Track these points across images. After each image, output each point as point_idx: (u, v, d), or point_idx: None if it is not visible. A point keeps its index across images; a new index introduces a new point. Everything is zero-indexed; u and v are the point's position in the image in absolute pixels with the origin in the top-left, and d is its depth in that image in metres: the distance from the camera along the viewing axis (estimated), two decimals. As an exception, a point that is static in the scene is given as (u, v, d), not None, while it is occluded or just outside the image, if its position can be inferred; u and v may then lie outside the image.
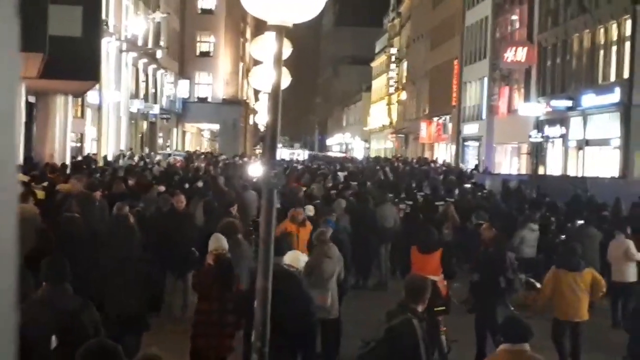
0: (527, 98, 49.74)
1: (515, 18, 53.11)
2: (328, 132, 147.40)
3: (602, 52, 39.89)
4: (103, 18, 36.40)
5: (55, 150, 30.45)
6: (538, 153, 47.88)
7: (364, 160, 68.41)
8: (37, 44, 19.56)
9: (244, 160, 47.70)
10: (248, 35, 79.50)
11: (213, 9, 75.96)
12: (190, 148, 73.00)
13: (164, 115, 66.95)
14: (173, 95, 72.22)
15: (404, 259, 15.52)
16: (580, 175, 37.64)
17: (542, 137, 46.54)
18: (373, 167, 47.88)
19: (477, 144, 60.87)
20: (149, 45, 58.70)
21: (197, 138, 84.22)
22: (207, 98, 76.61)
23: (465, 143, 63.92)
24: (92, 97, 43.05)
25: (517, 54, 49.20)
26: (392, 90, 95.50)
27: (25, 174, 21.82)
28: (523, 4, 51.30)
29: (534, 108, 47.60)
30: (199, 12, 76.29)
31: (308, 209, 17.23)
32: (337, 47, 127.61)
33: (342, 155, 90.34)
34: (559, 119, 44.33)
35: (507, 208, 23.41)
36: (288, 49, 7.94)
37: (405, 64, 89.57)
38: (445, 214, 20.77)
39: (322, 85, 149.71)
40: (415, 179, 36.48)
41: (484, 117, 58.02)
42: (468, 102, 63.10)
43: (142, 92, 58.88)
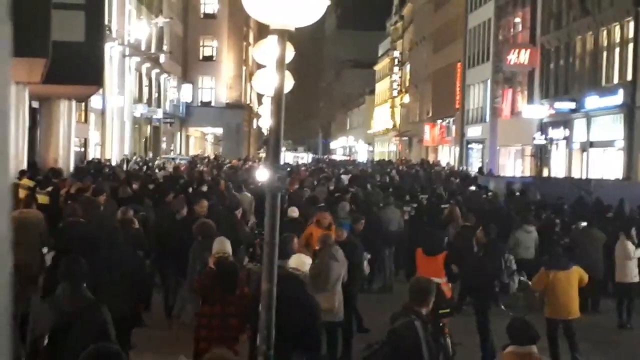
0: (530, 100, 49.73)
1: (518, 20, 53.11)
2: (332, 135, 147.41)
3: (605, 54, 39.88)
4: (106, 23, 36.45)
5: (59, 155, 30.48)
6: (542, 155, 47.87)
7: (368, 164, 68.40)
8: (40, 49, 19.58)
9: (247, 165, 47.71)
10: (251, 40, 79.61)
11: (216, 14, 76.08)
12: (194, 152, 73.10)
13: (168, 120, 67.04)
14: (176, 100, 72.31)
15: (409, 262, 15.53)
16: (585, 177, 37.60)
17: (545, 139, 46.53)
18: (382, 170, 47.84)
19: (480, 147, 60.86)
20: (152, 50, 58.81)
21: (200, 142, 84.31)
22: (210, 102, 76.71)
23: (469, 145, 63.92)
24: (95, 102, 43.11)
25: (520, 57, 49.20)
26: (395, 94, 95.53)
27: (30, 179, 21.89)
28: (526, 7, 51.30)
29: (538, 110, 47.58)
30: (202, 16, 76.42)
31: (292, 210, 17.34)
32: (339, 50, 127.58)
33: (346, 159, 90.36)
34: (563, 121, 44.31)
35: (510, 210, 23.39)
36: (291, 53, 7.95)
37: (408, 67, 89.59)
38: (451, 215, 20.76)
39: (325, 89, 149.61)
40: (419, 182, 36.47)
41: (488, 119, 58.02)
42: (471, 104, 63.10)
43: (145, 96, 58.97)
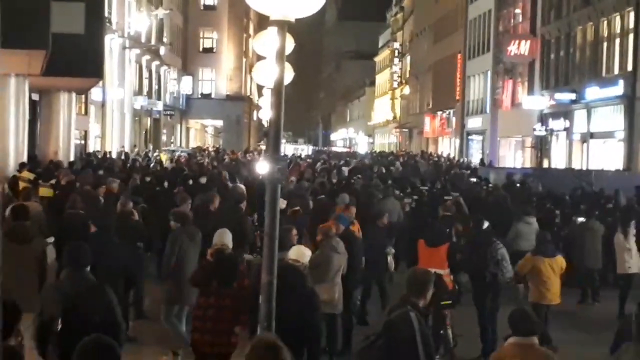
0: (530, 91, 49.69)
1: (518, 11, 53.03)
2: (332, 127, 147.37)
3: (605, 44, 39.82)
4: (106, 15, 36.44)
5: (60, 148, 30.49)
6: (542, 146, 47.85)
7: (367, 155, 68.37)
8: (39, 42, 19.57)
9: (248, 156, 47.73)
10: (251, 31, 79.53)
11: (216, 5, 75.99)
12: (195, 144, 73.10)
13: (168, 112, 67.03)
14: (176, 92, 72.27)
15: (410, 253, 15.54)
16: (585, 168, 37.59)
17: (546, 130, 46.50)
18: (381, 162, 47.79)
19: (481, 138, 60.83)
20: (152, 42, 58.76)
21: (201, 134, 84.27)
22: (210, 94, 76.66)
23: (469, 137, 63.88)
24: (95, 94, 43.09)
25: (520, 47, 49.14)
26: (395, 85, 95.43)
27: (31, 172, 21.92)
28: (526, -3, 51.25)
29: (538, 101, 47.55)
30: (202, 8, 76.33)
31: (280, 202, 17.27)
32: (340, 41, 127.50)
33: (347, 150, 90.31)
34: (563, 112, 44.28)
35: (510, 202, 23.37)
36: (291, 44, 7.94)
37: (409, 58, 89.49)
38: (445, 209, 20.73)
39: (325, 80, 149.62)
40: (420, 174, 36.46)
41: (488, 110, 57.97)
42: (472, 95, 63.04)
43: (145, 88, 58.94)
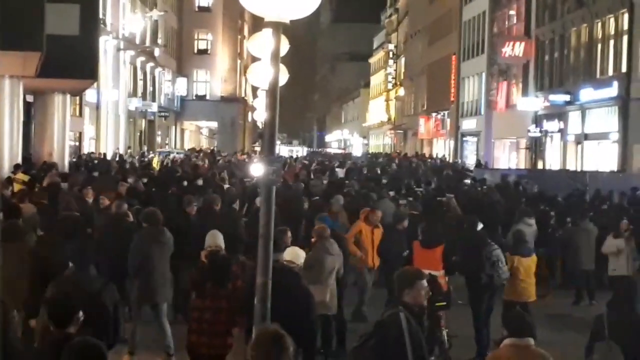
0: (525, 93, 49.73)
1: (513, 13, 53.09)
2: (326, 128, 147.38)
3: (599, 46, 39.87)
4: (100, 16, 36.40)
5: (54, 149, 30.42)
6: (537, 148, 47.89)
7: (363, 157, 68.39)
8: (34, 43, 19.56)
9: (240, 158, 47.69)
10: (246, 33, 79.50)
11: (210, 7, 75.95)
12: (189, 146, 73.05)
13: (162, 113, 66.99)
14: (171, 93, 72.23)
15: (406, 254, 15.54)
16: (579, 170, 37.63)
17: (540, 131, 46.54)
18: (374, 164, 47.79)
19: (475, 139, 60.86)
20: (147, 43, 58.72)
21: (195, 136, 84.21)
22: (205, 96, 76.63)
23: (464, 138, 63.90)
24: (90, 95, 43.07)
25: (514, 49, 49.18)
26: (390, 86, 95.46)
27: (25, 173, 21.87)
28: (520, -1, 51.32)
29: (532, 103, 47.59)
30: (197, 9, 76.28)
31: (259, 201, 17.30)
32: (334, 43, 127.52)
33: (341, 152, 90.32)
34: (557, 114, 44.32)
35: (505, 203, 23.39)
36: (285, 46, 7.94)
37: (403, 60, 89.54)
38: (448, 207, 20.78)
39: (320, 82, 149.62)
40: (415, 175, 36.45)
41: (483, 112, 58.01)
42: (466, 97, 63.08)
43: (140, 90, 58.93)
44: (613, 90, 37.40)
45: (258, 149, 66.68)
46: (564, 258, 19.17)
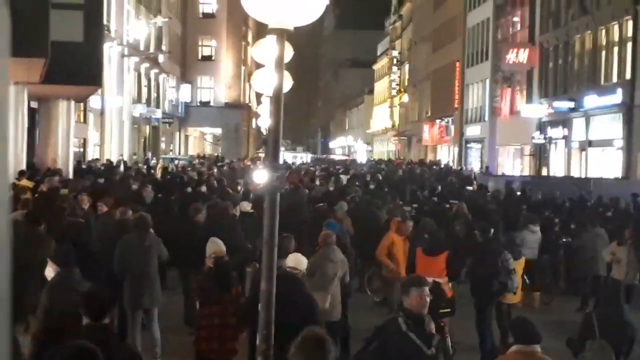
0: (529, 99, 49.74)
1: (517, 20, 53.11)
2: (330, 135, 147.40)
3: (603, 53, 39.89)
4: (105, 23, 36.44)
5: (58, 156, 30.47)
6: (541, 154, 47.88)
7: (367, 163, 68.39)
8: (39, 50, 19.59)
9: (242, 164, 47.64)
10: (250, 39, 79.59)
11: (214, 13, 76.03)
12: (193, 152, 73.09)
13: (167, 120, 67.03)
14: (175, 100, 72.29)
15: (409, 261, 15.52)
16: (584, 177, 37.61)
17: (544, 138, 46.55)
18: (376, 170, 47.77)
19: (479, 146, 60.87)
20: (151, 50, 58.80)
21: (199, 142, 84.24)
22: (209, 102, 76.68)
23: (468, 145, 63.93)
24: (94, 102, 43.11)
25: (519, 56, 49.21)
26: (394, 93, 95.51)
27: (30, 180, 21.90)
28: (524, 6, 51.31)
29: (537, 109, 47.59)
30: (201, 16, 76.36)
31: (244, 205, 17.46)
32: (338, 50, 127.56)
33: (345, 158, 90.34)
34: (562, 120, 44.32)
35: (509, 209, 23.38)
36: (289, 53, 7.95)
37: (407, 67, 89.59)
38: (458, 212, 20.80)
39: (324, 89, 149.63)
40: (420, 182, 36.44)
41: (487, 118, 58.02)
42: (470, 104, 63.11)
43: (144, 96, 58.97)
44: (617, 97, 37.40)
45: (262, 155, 66.68)
46: (572, 264, 19.11)
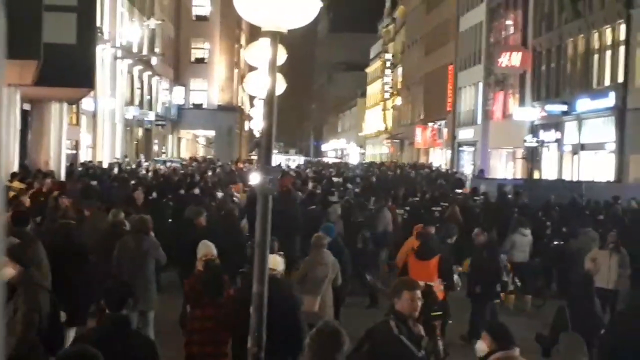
0: (522, 103, 49.80)
1: (510, 23, 53.19)
2: (323, 137, 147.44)
3: (596, 56, 39.95)
4: (98, 25, 36.38)
5: (51, 158, 30.39)
6: (533, 157, 47.93)
7: (359, 166, 68.43)
8: (31, 51, 19.54)
9: (235, 167, 47.60)
10: (243, 42, 79.56)
11: (208, 16, 76.00)
12: (186, 155, 73.05)
13: (160, 122, 66.95)
14: (168, 102, 72.22)
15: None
16: (576, 180, 37.65)
17: (537, 141, 46.59)
18: (367, 173, 47.78)
19: (472, 149, 60.92)
20: (144, 52, 58.72)
21: (192, 144, 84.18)
22: (202, 104, 76.62)
23: (461, 148, 63.97)
24: (87, 104, 43.01)
25: (511, 59, 49.27)
26: (387, 96, 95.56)
27: (22, 182, 21.86)
28: (517, 9, 51.39)
29: (529, 113, 47.66)
30: (194, 18, 76.32)
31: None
32: (331, 53, 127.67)
33: (338, 161, 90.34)
34: (554, 124, 44.38)
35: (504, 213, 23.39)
36: (283, 55, 7.96)
37: (400, 70, 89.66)
38: (450, 215, 20.84)
39: (317, 91, 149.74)
40: (412, 185, 36.46)
41: (479, 122, 58.08)
42: (463, 107, 63.16)
43: (137, 98, 58.88)
44: (610, 101, 37.47)
45: (255, 158, 66.63)
46: (564, 267, 19.10)
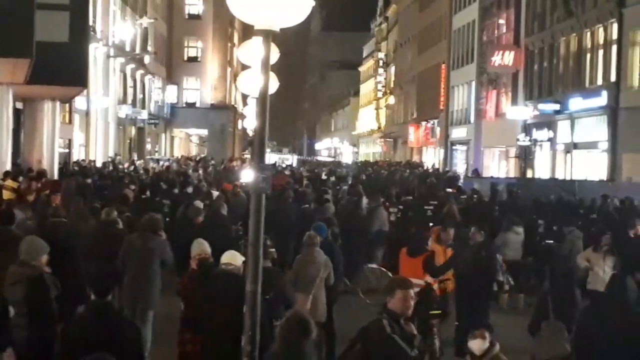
0: (514, 102, 49.86)
1: (502, 22, 53.23)
2: (316, 136, 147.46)
3: (588, 55, 40.01)
4: (90, 23, 36.35)
5: (43, 157, 30.34)
6: (526, 156, 47.99)
7: (353, 165, 68.48)
8: (24, 50, 19.54)
9: (232, 165, 47.59)
10: (236, 40, 79.47)
11: (200, 14, 75.90)
12: (179, 153, 72.98)
13: (152, 121, 66.87)
14: (161, 101, 72.14)
15: (395, 262, 15.56)
16: (569, 179, 37.71)
17: (529, 140, 46.65)
18: (360, 172, 47.80)
19: (465, 148, 60.97)
20: (137, 51, 58.65)
21: (185, 143, 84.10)
22: (195, 103, 76.54)
23: (454, 147, 64.03)
24: (79, 102, 42.97)
25: (504, 58, 49.32)
26: (380, 95, 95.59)
27: (14, 180, 21.85)
28: (510, 8, 51.44)
29: (522, 112, 47.71)
30: (187, 17, 76.20)
31: (197, 204, 17.64)
32: (324, 51, 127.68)
33: (332, 160, 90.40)
34: (547, 123, 44.44)
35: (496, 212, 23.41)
36: (275, 54, 7.96)
37: (393, 68, 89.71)
38: (448, 213, 20.86)
39: (310, 90, 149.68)
40: (405, 184, 36.49)
41: (472, 120, 58.12)
42: (456, 106, 63.19)
43: (130, 97, 58.81)
44: (602, 100, 37.53)
45: (248, 157, 66.62)
46: (554, 266, 19.09)
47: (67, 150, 42.71)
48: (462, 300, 13.48)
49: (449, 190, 31.44)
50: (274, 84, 8.97)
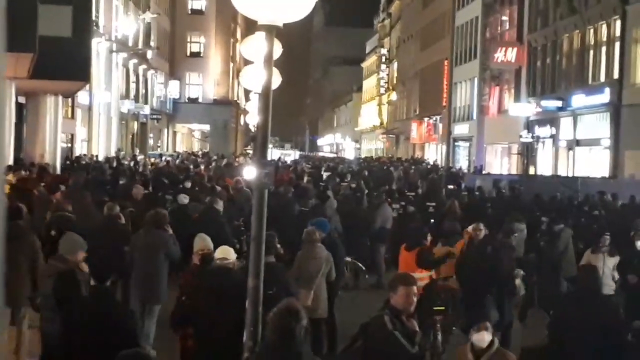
0: (517, 98, 49.79)
1: (505, 18, 53.17)
2: (319, 132, 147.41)
3: (591, 52, 39.96)
4: (93, 18, 36.35)
5: (46, 151, 30.38)
6: (528, 153, 47.95)
7: (355, 161, 68.44)
8: (26, 45, 19.53)
9: (230, 161, 47.58)
10: (238, 36, 79.49)
11: (203, 9, 75.89)
12: (181, 149, 73.00)
13: (155, 116, 66.89)
14: (163, 96, 72.15)
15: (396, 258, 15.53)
16: (571, 175, 37.67)
17: (532, 137, 46.60)
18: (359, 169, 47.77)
19: (467, 145, 60.92)
20: (139, 46, 58.62)
21: (188, 139, 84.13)
22: (197, 98, 76.55)
23: (456, 143, 63.97)
24: (82, 97, 42.97)
25: (507, 55, 49.26)
26: (382, 91, 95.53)
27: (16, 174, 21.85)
28: (513, 5, 51.37)
29: (524, 108, 47.65)
30: (189, 12, 76.20)
31: (183, 197, 17.69)
32: (327, 47, 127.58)
33: (334, 156, 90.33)
34: (549, 119, 44.40)
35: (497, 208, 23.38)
36: (278, 49, 7.95)
37: (396, 65, 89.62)
38: (450, 209, 20.82)
39: (312, 86, 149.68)
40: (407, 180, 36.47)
41: (475, 117, 58.07)
42: (458, 102, 63.14)
43: (132, 92, 58.82)
44: (605, 97, 37.48)
45: (250, 152, 66.63)
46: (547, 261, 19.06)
47: (69, 145, 42.72)
48: (467, 295, 13.46)
49: (450, 187, 31.45)
50: (277, 80, 8.96)
